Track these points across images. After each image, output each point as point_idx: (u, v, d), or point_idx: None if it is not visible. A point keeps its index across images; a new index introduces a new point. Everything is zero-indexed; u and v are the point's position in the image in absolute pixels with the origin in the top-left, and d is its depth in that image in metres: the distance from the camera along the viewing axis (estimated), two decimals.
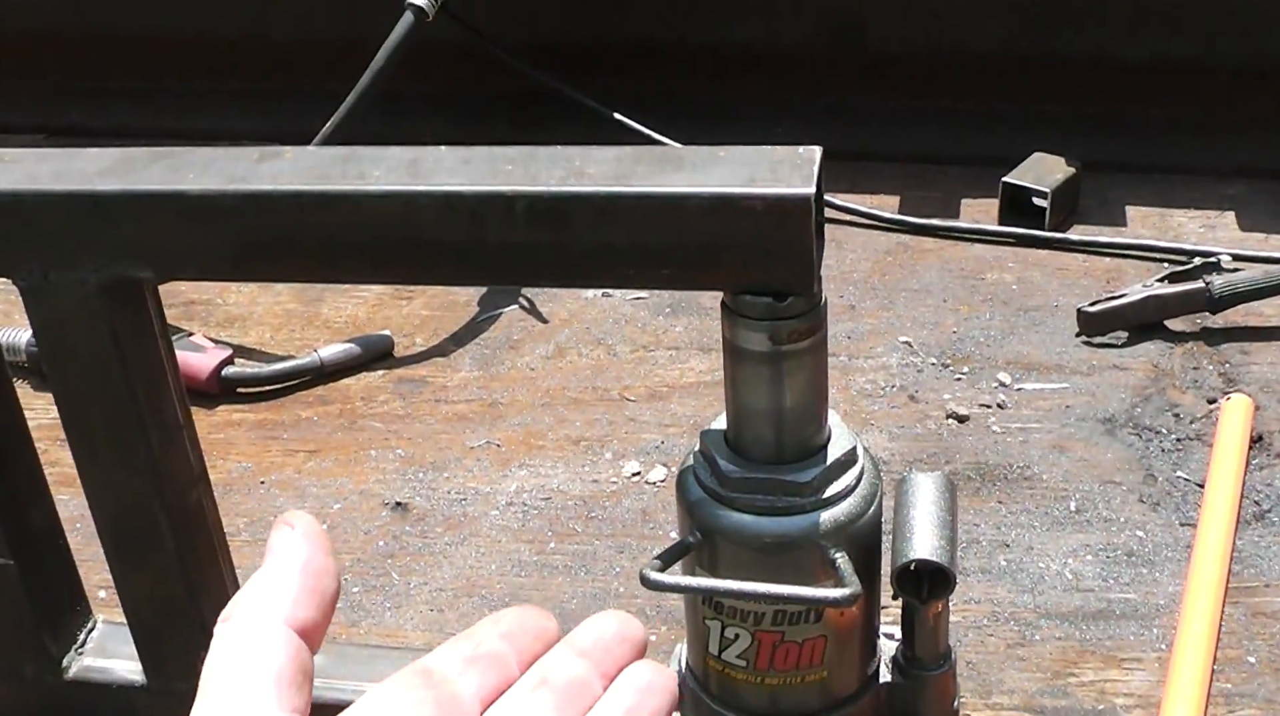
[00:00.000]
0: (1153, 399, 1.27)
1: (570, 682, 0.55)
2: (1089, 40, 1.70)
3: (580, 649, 0.56)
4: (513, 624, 0.56)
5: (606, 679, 0.56)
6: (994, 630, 1.04)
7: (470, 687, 0.53)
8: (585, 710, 0.54)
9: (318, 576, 0.50)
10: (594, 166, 0.68)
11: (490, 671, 0.54)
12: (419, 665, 0.53)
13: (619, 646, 0.57)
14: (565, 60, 1.76)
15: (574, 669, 0.55)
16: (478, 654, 0.54)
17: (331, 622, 0.51)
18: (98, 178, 0.72)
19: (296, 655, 0.47)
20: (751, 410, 0.72)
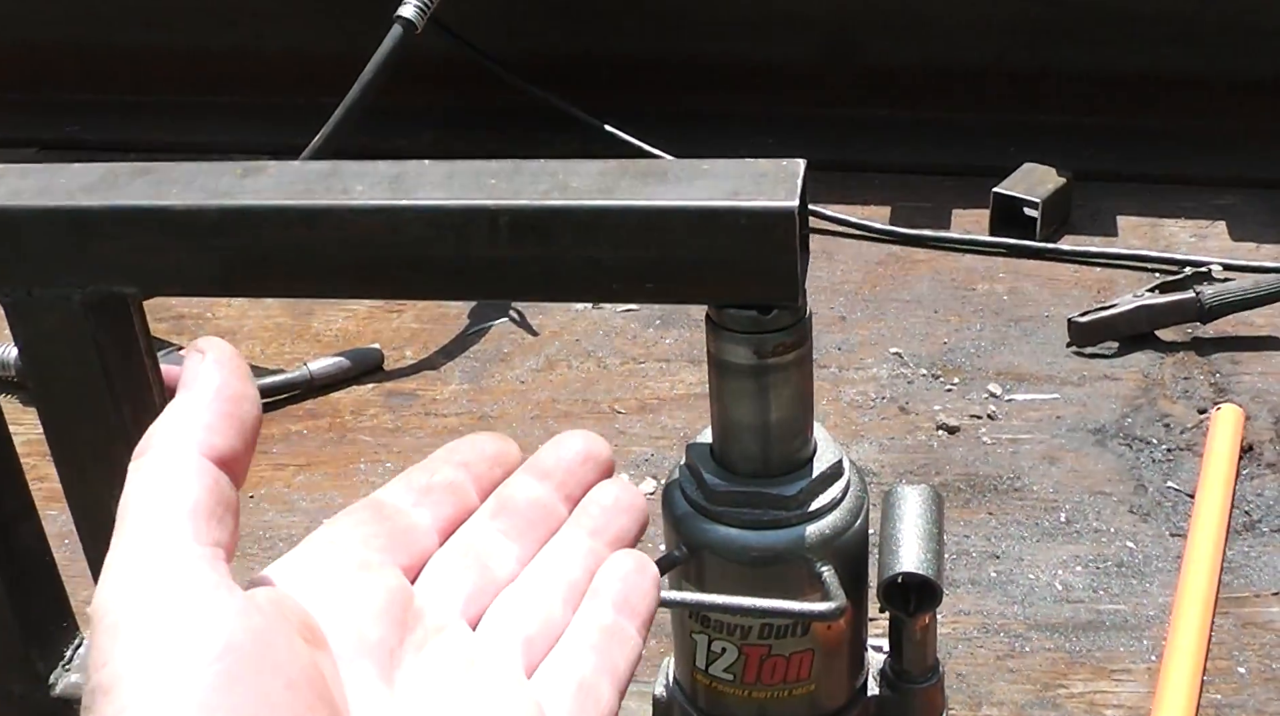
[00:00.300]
0: (1143, 409, 1.27)
1: (532, 506, 0.52)
2: (1080, 51, 1.70)
3: (542, 471, 0.54)
4: (469, 452, 0.54)
5: (571, 501, 0.53)
6: (984, 641, 1.03)
7: (425, 519, 0.51)
8: (549, 534, 0.52)
9: (234, 402, 0.45)
10: (577, 180, 0.68)
11: (446, 501, 0.52)
12: (370, 499, 0.51)
13: (583, 467, 0.54)
14: (557, 73, 1.76)
15: (535, 492, 0.53)
16: (432, 483, 0.52)
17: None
18: (81, 194, 0.72)
19: (214, 486, 0.43)
20: (737, 424, 0.72)
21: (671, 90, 1.79)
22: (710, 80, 1.80)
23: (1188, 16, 1.66)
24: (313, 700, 0.40)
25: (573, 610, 0.50)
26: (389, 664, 0.45)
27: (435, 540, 0.50)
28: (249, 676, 0.38)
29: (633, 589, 0.50)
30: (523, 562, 0.51)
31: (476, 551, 0.50)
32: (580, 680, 0.48)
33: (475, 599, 0.49)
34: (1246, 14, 1.65)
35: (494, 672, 0.47)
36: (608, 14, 1.80)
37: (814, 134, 1.74)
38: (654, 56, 1.80)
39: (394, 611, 0.46)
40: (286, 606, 0.43)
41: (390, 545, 0.49)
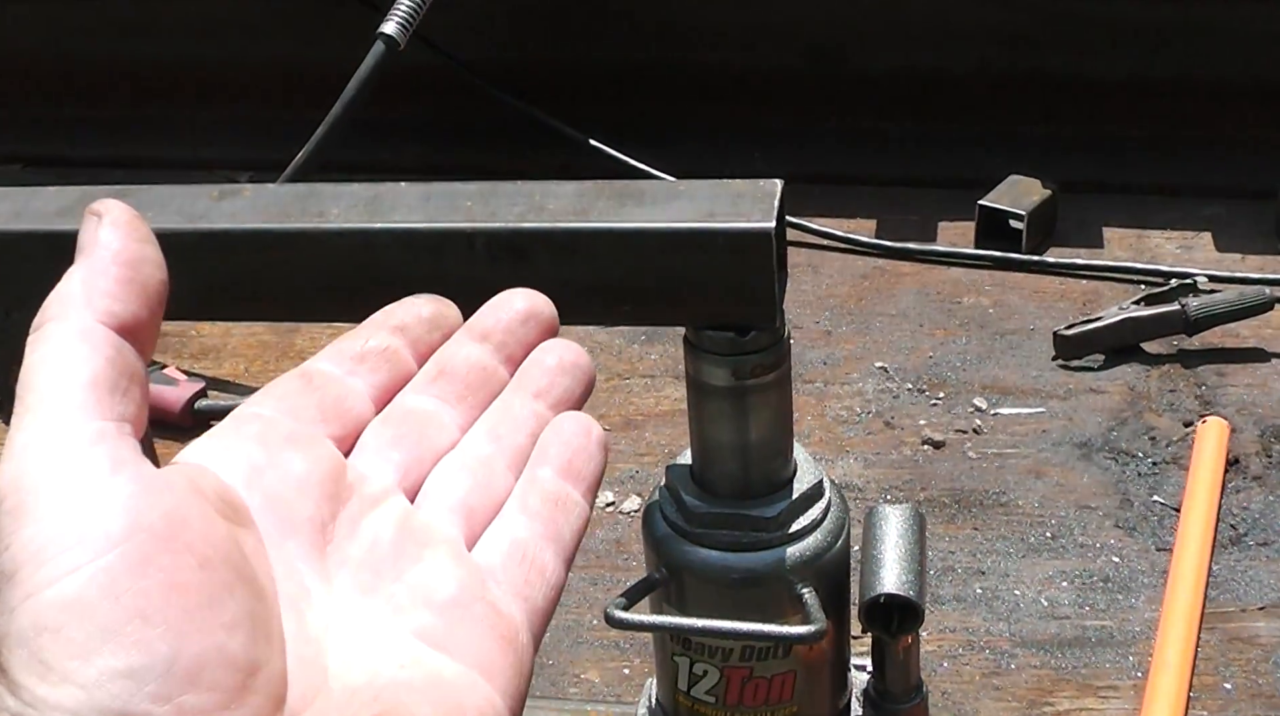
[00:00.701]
0: (1129, 422, 1.27)
1: (471, 368, 0.49)
2: (1066, 62, 1.70)
3: (482, 332, 0.51)
4: (405, 316, 0.51)
5: (513, 362, 0.51)
6: (969, 659, 1.03)
7: (359, 387, 0.48)
8: (490, 398, 0.50)
9: (134, 266, 0.42)
10: (554, 202, 0.68)
11: (381, 368, 0.49)
12: (299, 369, 0.48)
13: (523, 326, 0.51)
14: (543, 86, 1.76)
15: (475, 353, 0.50)
16: (365, 350, 0.49)
17: None
18: (56, 217, 0.72)
19: (116, 356, 0.40)
20: (716, 445, 0.71)
21: (657, 103, 1.79)
22: (696, 92, 1.79)
23: (1173, 26, 1.66)
24: (230, 579, 0.38)
25: (516, 476, 0.47)
26: (320, 539, 0.43)
27: (370, 409, 0.48)
28: (158, 556, 0.36)
29: (577, 453, 0.48)
30: (463, 429, 0.48)
31: (414, 419, 0.48)
32: (525, 550, 0.45)
33: (412, 468, 0.47)
34: (1232, 23, 1.65)
35: (433, 544, 0.44)
36: (593, 27, 1.79)
37: (800, 146, 1.74)
38: (639, 69, 1.79)
39: (325, 484, 0.44)
40: (203, 482, 0.41)
41: (321, 416, 0.46)
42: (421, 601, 0.42)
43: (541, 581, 0.45)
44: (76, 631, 0.35)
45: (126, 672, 0.35)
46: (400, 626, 0.42)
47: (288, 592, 0.40)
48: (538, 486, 0.47)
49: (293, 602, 0.40)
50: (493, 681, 0.41)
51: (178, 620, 0.36)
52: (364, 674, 0.40)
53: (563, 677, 1.03)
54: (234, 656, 0.36)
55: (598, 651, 1.05)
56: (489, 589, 0.44)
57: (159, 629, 0.35)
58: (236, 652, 0.36)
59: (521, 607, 0.44)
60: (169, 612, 0.35)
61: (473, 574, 0.44)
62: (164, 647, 0.35)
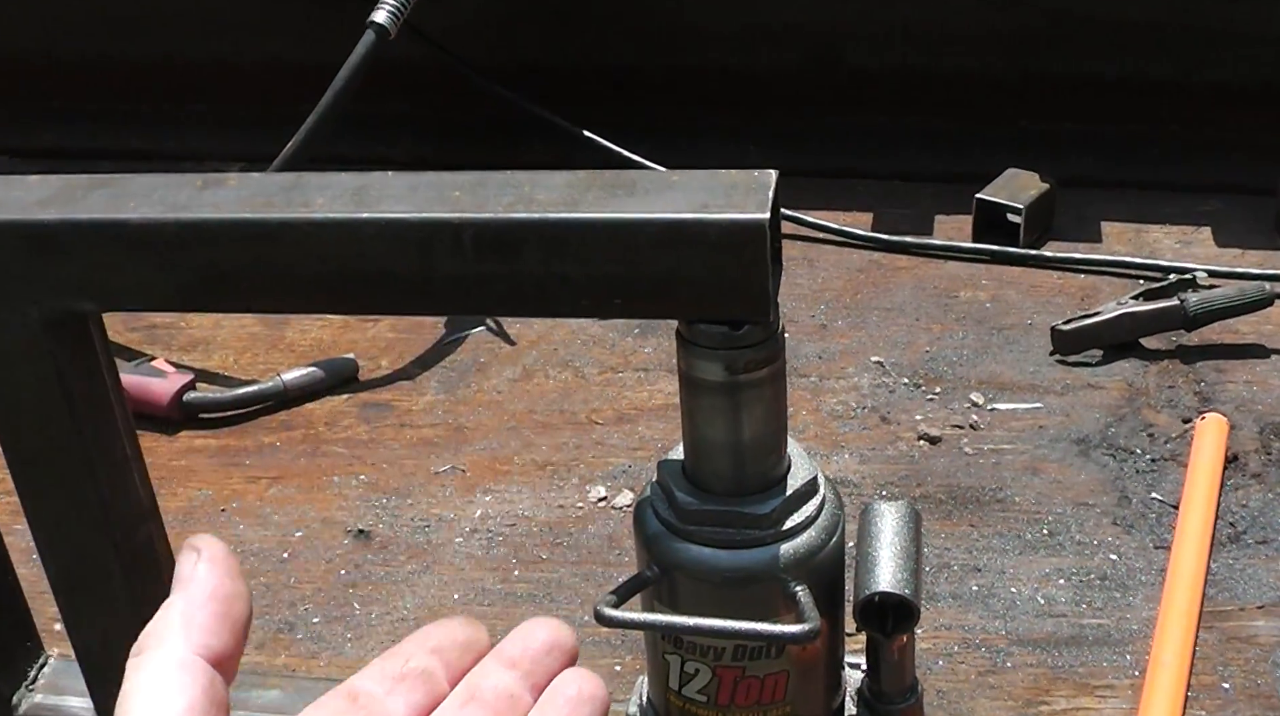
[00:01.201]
0: (1127, 419, 1.26)
1: (499, 696, 0.54)
2: (1065, 58, 1.69)
3: (510, 660, 0.55)
4: (441, 638, 0.56)
5: (537, 690, 0.55)
6: (965, 657, 1.02)
7: (399, 707, 0.52)
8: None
9: (228, 602, 0.48)
10: (544, 193, 0.66)
11: (418, 689, 0.53)
12: (345, 686, 0.52)
13: (548, 656, 0.56)
14: (537, 84, 1.74)
15: (502, 681, 0.54)
16: (405, 671, 0.53)
17: (291, 655, 0.51)
18: (37, 207, 0.70)
19: (209, 686, 0.46)
20: (709, 441, 0.70)
21: (653, 99, 1.78)
22: (692, 89, 1.78)
23: (1171, 23, 1.65)
24: None
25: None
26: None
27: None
28: None
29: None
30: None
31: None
32: None
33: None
34: (1230, 21, 1.63)
35: None
36: (589, 24, 1.78)
37: (797, 142, 1.73)
38: (636, 65, 1.78)
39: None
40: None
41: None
42: None
43: None
44: None
45: None
46: None
47: None
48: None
49: None
50: None
51: None
52: None
53: None
54: None
55: (589, 648, 1.04)
56: None
57: None
58: None
59: None
60: None
61: None
62: None
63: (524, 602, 1.08)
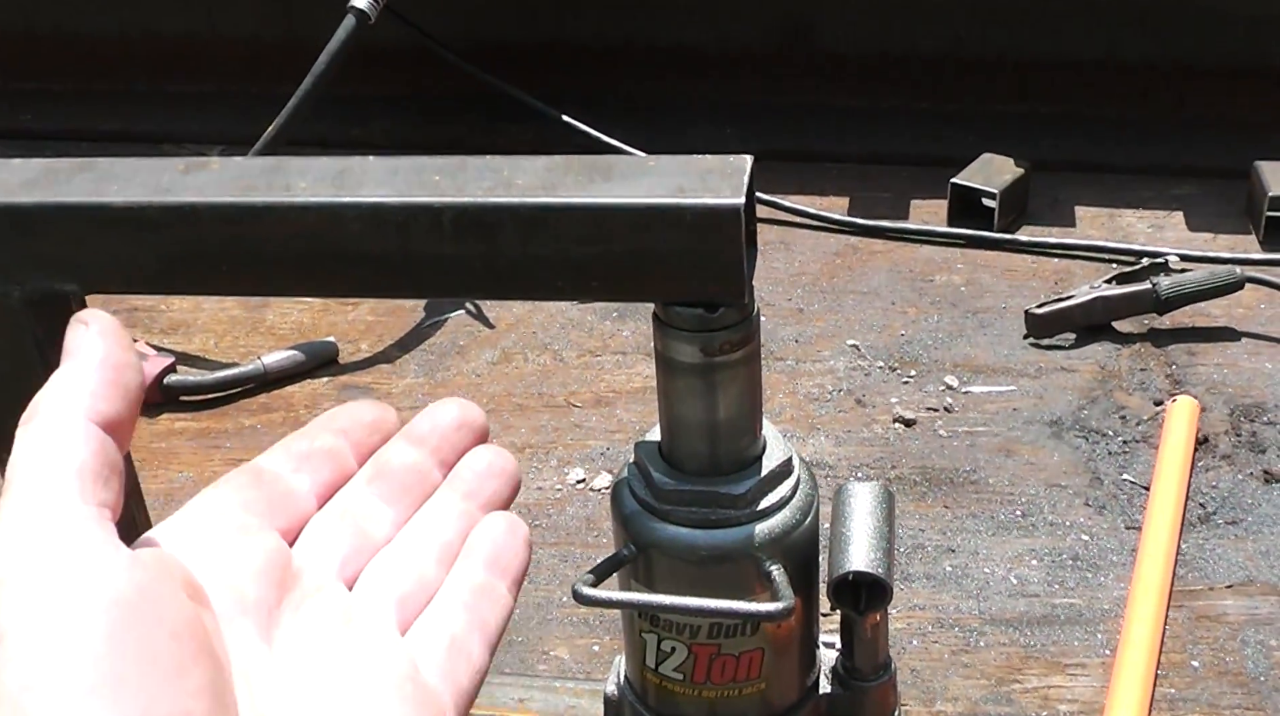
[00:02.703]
0: (1099, 401, 1.27)
1: (407, 471, 0.54)
2: (1040, 41, 1.70)
3: (418, 437, 0.55)
4: (348, 419, 0.56)
5: (446, 466, 0.55)
6: (938, 636, 1.03)
7: (304, 484, 0.52)
8: (424, 498, 0.54)
9: (118, 370, 0.47)
10: (522, 177, 0.67)
11: (325, 467, 0.53)
12: (250, 465, 0.53)
13: (457, 433, 0.56)
14: (514, 62, 1.75)
15: (411, 458, 0.55)
16: (312, 449, 0.54)
17: None
18: (21, 190, 0.71)
19: (101, 449, 0.45)
20: (685, 422, 0.71)
21: (629, 77, 1.79)
22: (668, 68, 1.79)
23: (1146, 6, 1.66)
24: (196, 651, 0.41)
25: (446, 570, 0.52)
26: (267, 622, 0.47)
27: (313, 504, 0.52)
28: (135, 627, 0.40)
29: (504, 549, 0.53)
30: (398, 525, 0.53)
31: (353, 515, 0.52)
32: (452, 636, 0.50)
33: (351, 560, 0.51)
34: (1205, 4, 1.65)
35: (369, 630, 0.48)
36: (565, 3, 1.79)
37: (772, 121, 1.74)
38: (611, 44, 1.79)
39: (272, 572, 0.48)
40: (170, 564, 0.45)
41: (269, 509, 0.50)
42: (359, 681, 0.47)
43: (468, 666, 0.49)
44: (59, 691, 0.38)
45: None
46: (338, 703, 0.46)
47: (240, 669, 0.44)
48: (466, 579, 0.52)
49: (243, 676, 0.44)
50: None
51: (150, 685, 0.39)
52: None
53: (531, 654, 1.03)
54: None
55: (567, 628, 1.05)
56: (419, 671, 0.48)
57: (134, 691, 0.39)
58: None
59: (449, 689, 0.48)
60: (142, 678, 0.39)
61: (405, 658, 0.48)
62: (137, 709, 0.39)
63: None
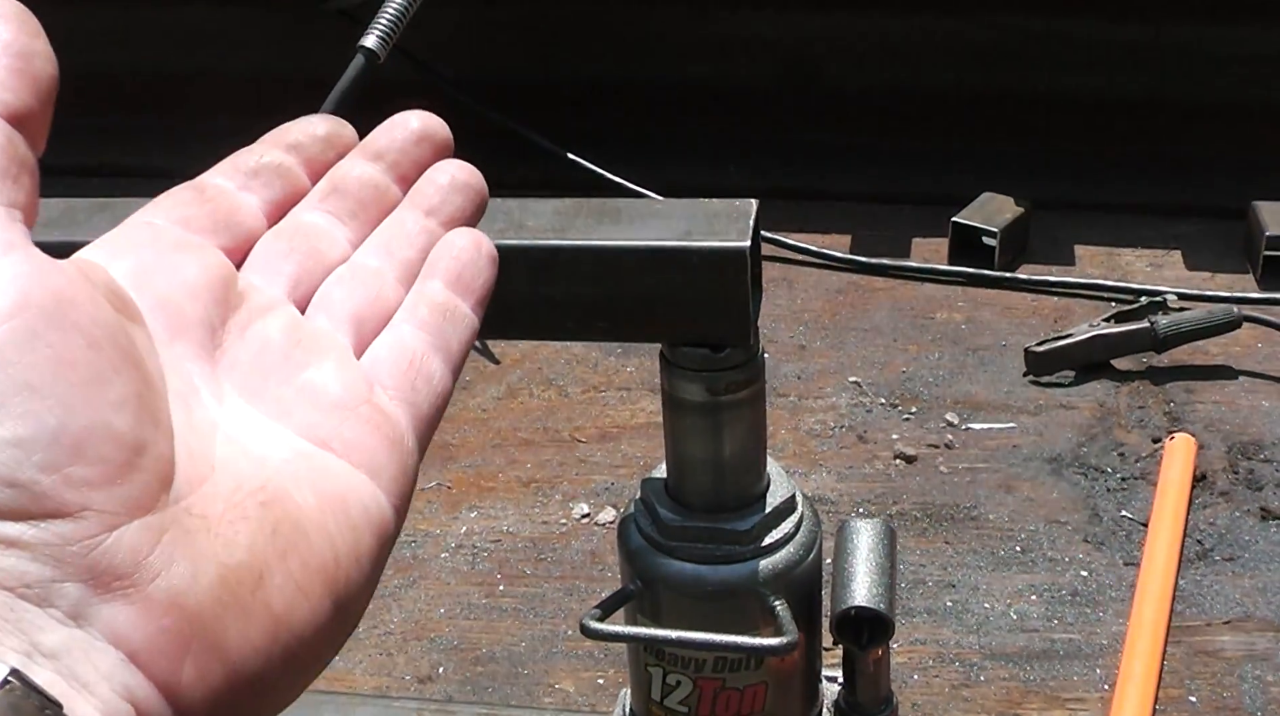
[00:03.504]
0: (1099, 438, 1.28)
1: (363, 186, 0.50)
2: (1040, 81, 1.72)
3: (375, 152, 0.51)
4: (299, 134, 0.51)
5: (406, 182, 0.51)
6: (939, 671, 1.04)
7: (252, 202, 0.48)
8: (382, 215, 0.50)
9: (25, 58, 0.41)
10: (532, 219, 0.69)
11: (274, 183, 0.49)
12: (192, 182, 0.48)
13: (417, 147, 0.51)
14: (520, 99, 1.76)
15: (367, 172, 0.50)
16: (260, 165, 0.49)
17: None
18: (40, 229, 0.72)
19: (8, 144, 0.39)
20: (690, 460, 0.72)
21: (635, 117, 1.80)
22: (672, 106, 1.80)
23: (1146, 48, 1.68)
24: (117, 361, 0.38)
25: (406, 289, 0.48)
26: (209, 343, 0.43)
27: (262, 223, 0.48)
28: (46, 332, 0.36)
29: (467, 266, 0.49)
30: (354, 244, 0.49)
31: (305, 233, 0.48)
32: (411, 357, 0.46)
33: (303, 280, 0.47)
34: (1204, 45, 1.66)
35: (321, 351, 0.45)
36: (571, 41, 1.81)
37: (775, 160, 1.75)
38: (617, 83, 1.80)
39: (215, 290, 0.44)
40: (93, 274, 0.40)
41: (212, 226, 0.46)
42: (309, 403, 0.43)
43: (428, 388, 0.45)
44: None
45: (14, 441, 0.35)
46: (287, 425, 0.42)
47: (176, 389, 0.40)
48: (426, 298, 0.47)
49: (181, 398, 0.40)
50: (378, 480, 0.42)
51: (65, 394, 0.36)
52: (251, 465, 0.40)
53: (537, 687, 1.04)
54: (120, 433, 0.36)
55: (572, 662, 1.06)
56: (375, 393, 0.44)
57: (47, 401, 0.35)
58: (123, 430, 0.37)
59: (407, 412, 0.44)
60: (56, 387, 0.36)
61: (360, 379, 0.44)
62: (51, 420, 0.35)
63: (508, 617, 1.10)
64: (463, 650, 1.07)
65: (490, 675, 1.05)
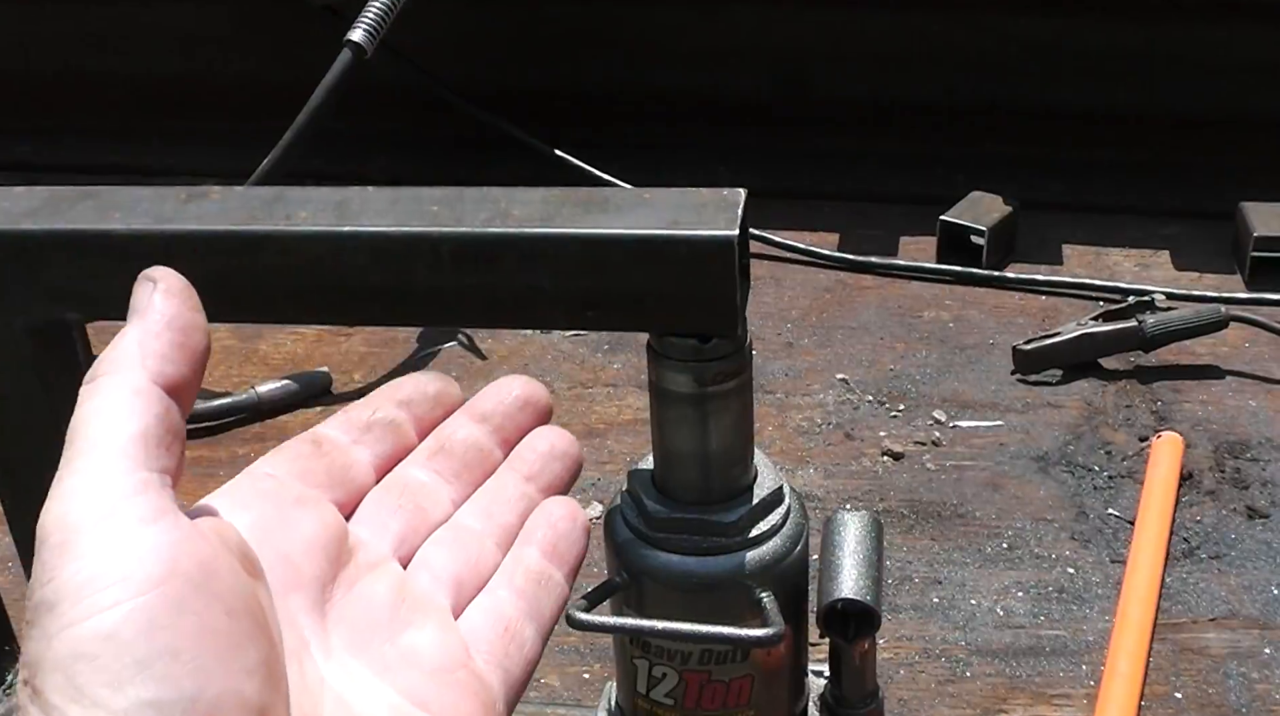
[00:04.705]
0: (1085, 437, 1.28)
1: (469, 448, 0.53)
2: (1031, 87, 1.72)
3: (481, 414, 0.54)
4: (412, 390, 0.55)
5: (507, 445, 0.54)
6: (925, 667, 1.04)
7: (364, 456, 0.51)
8: (484, 476, 0.53)
9: (185, 332, 0.45)
10: (520, 208, 0.68)
11: (386, 439, 0.52)
12: (311, 433, 0.51)
13: (521, 412, 0.55)
14: (512, 103, 1.76)
15: (472, 434, 0.53)
16: (372, 420, 0.53)
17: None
18: (24, 218, 0.72)
19: (165, 413, 0.43)
20: (677, 451, 0.72)
21: (625, 120, 1.80)
22: (664, 110, 1.80)
23: (1136, 52, 1.68)
24: (252, 629, 0.40)
25: (503, 553, 0.51)
26: (321, 598, 0.46)
27: (372, 477, 0.51)
28: (192, 601, 0.39)
29: (562, 537, 0.52)
30: (456, 504, 0.52)
31: (412, 491, 0.51)
32: (506, 623, 0.49)
33: (408, 538, 0.50)
34: (1191, 49, 1.67)
35: (422, 610, 0.47)
36: (562, 44, 1.80)
37: (766, 164, 1.75)
38: (608, 86, 1.80)
39: (328, 547, 0.47)
40: (228, 536, 0.43)
41: (327, 481, 0.49)
42: (410, 664, 0.46)
43: (520, 654, 0.49)
44: (112, 661, 0.37)
45: (154, 704, 0.37)
46: (389, 685, 0.45)
47: (290, 644, 0.43)
48: (523, 565, 0.51)
49: (294, 654, 0.43)
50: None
51: (205, 661, 0.38)
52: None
53: None
54: (249, 699, 0.39)
55: (557, 656, 1.05)
56: (472, 658, 0.47)
57: (187, 667, 0.38)
58: (251, 696, 0.39)
59: (500, 677, 0.48)
60: (198, 653, 0.38)
61: (458, 642, 0.47)
62: (190, 685, 0.37)
63: None
64: None
65: None
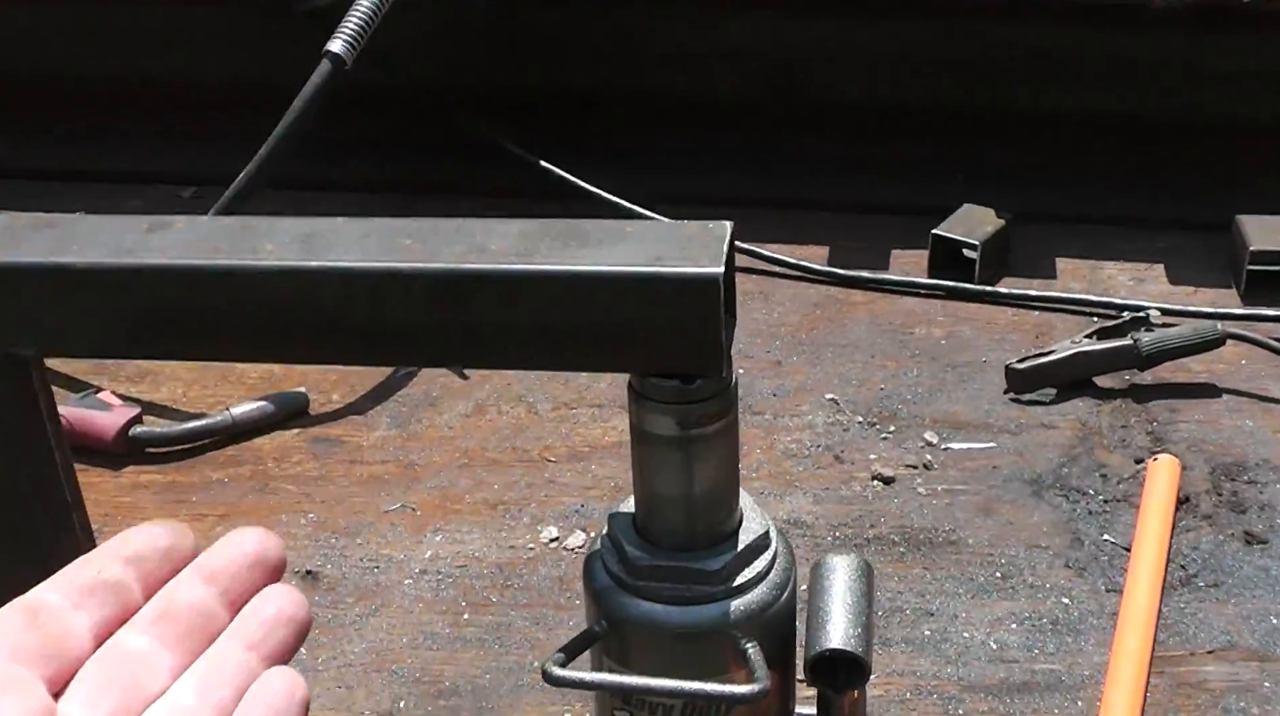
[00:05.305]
0: (1080, 459, 1.26)
1: (194, 612, 0.51)
2: (1023, 94, 1.70)
3: (210, 573, 0.52)
4: (140, 545, 0.52)
5: (235, 607, 0.52)
6: (916, 704, 1.01)
7: (83, 622, 0.49)
8: (208, 642, 0.51)
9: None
10: (496, 242, 0.65)
11: (109, 602, 0.50)
12: (26, 599, 0.49)
13: (251, 571, 0.53)
14: (499, 107, 1.74)
15: (198, 596, 0.52)
16: (96, 582, 0.50)
17: None
18: None
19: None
20: (660, 496, 0.69)
21: (613, 124, 1.77)
22: (652, 115, 1.78)
23: (1130, 61, 1.66)
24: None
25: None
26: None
27: (89, 646, 0.49)
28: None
29: (279, 713, 0.50)
30: (175, 673, 0.50)
31: (130, 662, 0.50)
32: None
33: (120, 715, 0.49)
34: (1187, 59, 1.65)
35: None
36: (548, 48, 1.78)
37: (755, 168, 1.73)
38: (595, 91, 1.78)
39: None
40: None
41: (40, 656, 0.48)
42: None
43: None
44: None
45: None
46: None
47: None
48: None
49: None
50: None
51: None
52: None
53: None
54: None
55: (538, 695, 1.02)
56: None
57: None
58: None
59: None
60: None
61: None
62: None
63: (472, 647, 1.07)
64: (425, 682, 1.04)
65: (453, 709, 1.02)
